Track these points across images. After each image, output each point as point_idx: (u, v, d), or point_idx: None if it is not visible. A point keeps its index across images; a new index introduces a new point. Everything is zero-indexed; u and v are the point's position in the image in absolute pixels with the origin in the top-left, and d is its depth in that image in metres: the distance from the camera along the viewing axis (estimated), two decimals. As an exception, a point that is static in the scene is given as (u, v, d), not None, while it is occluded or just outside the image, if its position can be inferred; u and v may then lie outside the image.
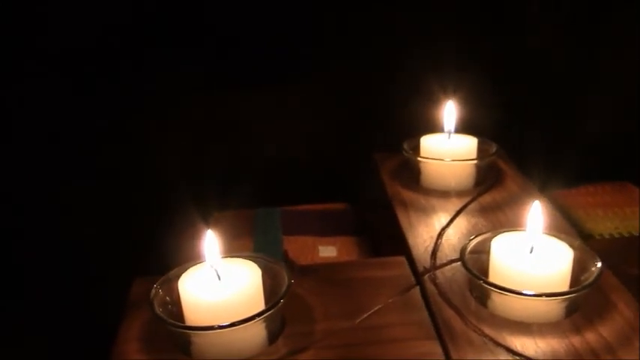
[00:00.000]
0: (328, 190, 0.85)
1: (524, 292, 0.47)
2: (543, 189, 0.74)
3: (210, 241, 0.49)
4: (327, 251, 0.70)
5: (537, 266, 0.49)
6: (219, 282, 0.48)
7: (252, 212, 0.79)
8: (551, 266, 0.49)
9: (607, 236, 0.71)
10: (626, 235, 0.71)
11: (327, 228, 0.75)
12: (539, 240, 0.52)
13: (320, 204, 0.82)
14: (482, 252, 0.53)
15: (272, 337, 0.48)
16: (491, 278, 0.50)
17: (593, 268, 0.50)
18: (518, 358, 0.44)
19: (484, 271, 0.52)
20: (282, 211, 0.79)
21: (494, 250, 0.51)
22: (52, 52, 0.80)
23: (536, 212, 0.52)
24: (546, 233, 0.53)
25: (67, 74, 0.82)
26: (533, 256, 0.50)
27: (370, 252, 0.73)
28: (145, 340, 0.48)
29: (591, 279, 0.48)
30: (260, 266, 0.50)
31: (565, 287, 0.49)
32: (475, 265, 0.52)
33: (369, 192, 0.77)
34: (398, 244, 0.63)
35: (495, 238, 0.52)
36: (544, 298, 0.47)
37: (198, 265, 0.50)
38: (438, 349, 0.46)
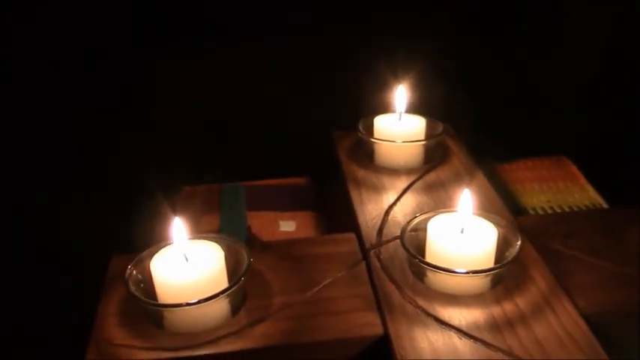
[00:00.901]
0: (290, 164, 0.91)
1: (456, 270, 0.54)
2: (487, 163, 0.82)
3: (178, 226, 0.55)
4: (287, 226, 0.77)
5: (466, 246, 0.56)
6: (186, 263, 0.54)
7: (219, 187, 0.85)
8: (478, 245, 0.56)
9: (539, 210, 0.78)
10: (557, 208, 0.78)
11: (287, 203, 0.81)
12: (469, 221, 0.58)
13: (282, 178, 0.88)
14: (422, 229, 0.60)
15: (235, 309, 0.54)
16: (428, 256, 0.57)
17: (515, 246, 0.57)
18: (444, 327, 0.52)
19: (422, 247, 0.59)
20: (246, 187, 0.85)
21: (429, 231, 0.58)
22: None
23: (466, 197, 0.59)
24: (476, 214, 0.60)
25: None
26: (464, 237, 0.57)
27: (326, 226, 0.80)
28: (122, 315, 0.55)
29: (510, 257, 0.55)
30: (223, 246, 0.56)
31: (490, 264, 0.56)
32: (414, 242, 0.59)
33: (327, 168, 0.83)
34: (350, 219, 0.70)
35: (432, 219, 0.59)
36: (469, 275, 0.54)
37: (167, 247, 0.56)
38: (377, 320, 0.54)
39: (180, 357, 0.50)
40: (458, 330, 0.51)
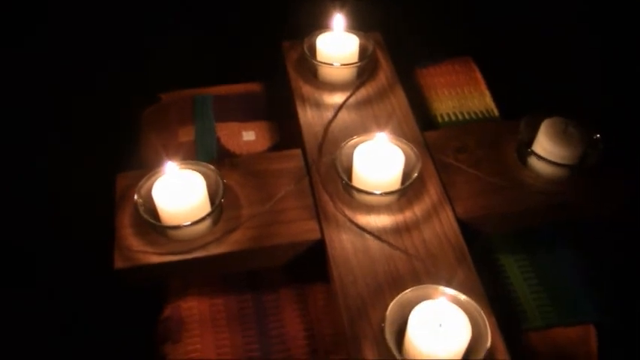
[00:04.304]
0: (243, 69, 1.07)
1: (374, 192, 0.76)
2: (411, 66, 1.00)
3: (170, 165, 0.75)
4: (249, 136, 0.96)
5: (380, 170, 0.77)
6: (179, 192, 0.74)
7: (190, 96, 1.01)
8: (389, 170, 0.77)
9: (446, 117, 0.99)
10: (459, 115, 0.99)
11: (248, 113, 0.99)
12: (384, 148, 0.79)
13: (241, 84, 1.05)
14: (353, 147, 0.80)
15: (215, 221, 0.76)
16: (354, 178, 0.79)
17: (416, 169, 0.78)
18: (362, 232, 0.75)
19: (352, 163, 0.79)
20: (213, 97, 1.02)
21: (355, 158, 0.78)
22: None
23: (382, 135, 0.79)
24: (391, 141, 0.80)
25: None
26: (378, 161, 0.78)
27: (280, 134, 0.99)
28: (134, 227, 0.75)
29: (410, 180, 0.77)
30: (202, 172, 0.76)
31: (398, 183, 0.78)
32: (348, 159, 0.80)
33: (278, 77, 1.00)
34: (296, 129, 0.89)
35: (357, 147, 0.79)
36: (380, 196, 0.76)
37: (161, 176, 0.75)
38: (316, 227, 0.76)
39: (182, 260, 0.73)
40: (371, 234, 0.75)
